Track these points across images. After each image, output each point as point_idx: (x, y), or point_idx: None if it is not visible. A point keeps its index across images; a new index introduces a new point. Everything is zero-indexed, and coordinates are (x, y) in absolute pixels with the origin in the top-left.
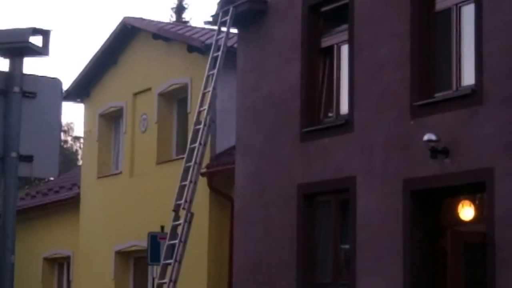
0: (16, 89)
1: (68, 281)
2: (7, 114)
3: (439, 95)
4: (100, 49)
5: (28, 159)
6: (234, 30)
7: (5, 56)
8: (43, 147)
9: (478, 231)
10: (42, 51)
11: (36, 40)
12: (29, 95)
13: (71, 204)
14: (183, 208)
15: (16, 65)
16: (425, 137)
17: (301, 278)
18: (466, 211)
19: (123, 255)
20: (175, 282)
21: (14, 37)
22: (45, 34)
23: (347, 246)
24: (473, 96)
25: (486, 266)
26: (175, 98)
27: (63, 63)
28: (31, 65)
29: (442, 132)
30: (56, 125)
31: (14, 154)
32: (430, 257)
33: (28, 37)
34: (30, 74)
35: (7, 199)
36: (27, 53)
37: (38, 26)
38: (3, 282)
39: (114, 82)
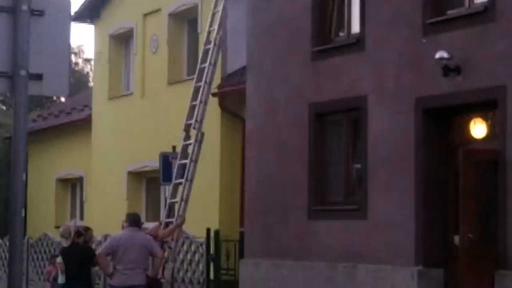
0: (24, 7)
1: (81, 202)
2: (16, 32)
3: (451, 12)
4: None
5: (38, 77)
6: None
7: None
8: (53, 66)
9: (489, 149)
10: None
11: None
12: (37, 13)
13: (83, 125)
14: (194, 128)
15: None
16: (437, 55)
17: (313, 197)
18: (478, 129)
19: (135, 175)
20: (186, 201)
21: None
22: None
23: (358, 165)
24: (485, 13)
25: (497, 183)
26: (186, 18)
27: None
28: None
29: (454, 49)
30: (65, 44)
31: (23, 73)
32: (442, 174)
33: None
34: None
35: (17, 117)
36: None
37: None
38: (15, 199)
39: (124, 2)
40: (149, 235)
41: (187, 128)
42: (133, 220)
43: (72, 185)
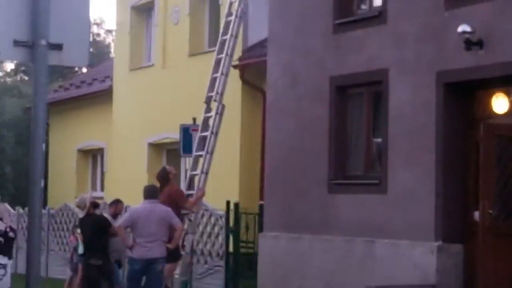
0: None
1: (102, 173)
2: (36, 2)
3: None
4: None
5: (58, 47)
6: None
7: None
8: (73, 36)
9: (511, 124)
10: None
11: None
12: None
13: (104, 96)
14: (215, 100)
15: None
16: (460, 29)
17: (333, 170)
18: (500, 104)
19: (156, 147)
20: (206, 173)
21: None
22: None
23: (379, 139)
24: None
25: None
26: None
27: None
28: None
29: (477, 23)
30: (85, 13)
31: (43, 42)
32: (462, 149)
33: None
34: None
35: (37, 87)
36: None
37: None
38: (35, 169)
39: None
40: (168, 207)
41: (208, 100)
42: (151, 192)
43: (93, 156)
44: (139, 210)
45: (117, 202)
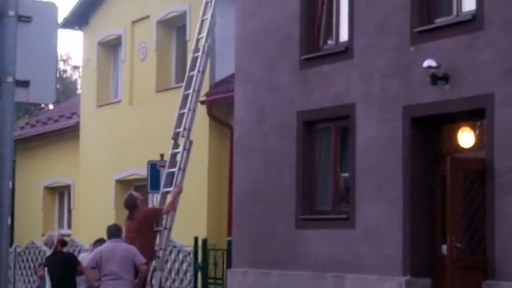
0: (11, 12)
1: (69, 210)
2: (3, 39)
3: (439, 21)
4: None
5: (25, 84)
6: None
7: None
8: (40, 72)
9: (477, 158)
10: None
11: None
12: (24, 19)
13: (71, 132)
14: (182, 136)
15: None
16: (425, 64)
17: (301, 206)
18: (466, 138)
19: (123, 183)
20: (175, 209)
21: None
22: None
23: (346, 174)
24: (473, 21)
25: (485, 192)
26: (174, 26)
27: None
28: None
29: (442, 58)
30: (52, 50)
31: (10, 79)
32: (429, 183)
33: None
34: None
35: (4, 124)
36: None
37: None
38: (1, 207)
39: (112, 9)
40: (131, 245)
41: (175, 136)
42: (113, 232)
43: (60, 193)
44: (102, 250)
45: (101, 241)
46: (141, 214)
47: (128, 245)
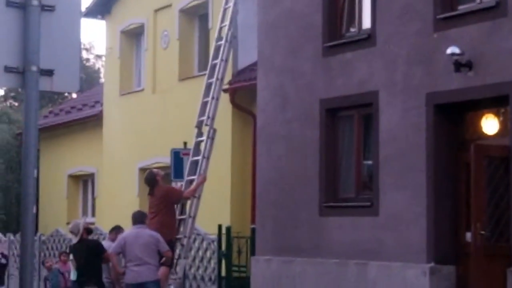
0: (35, 2)
1: (93, 198)
2: (26, 28)
3: (462, 8)
4: None
5: (49, 73)
6: None
7: None
8: (64, 61)
9: (501, 145)
10: None
11: None
12: (48, 8)
13: (94, 121)
14: (206, 125)
15: None
16: (449, 50)
17: (324, 193)
18: (490, 125)
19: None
20: (199, 198)
21: None
22: None
23: (370, 162)
24: (497, 8)
25: (510, 179)
26: (196, 14)
27: None
28: None
29: (466, 45)
30: (76, 39)
31: (34, 68)
32: (453, 171)
33: None
34: None
35: (28, 112)
36: None
37: None
38: (27, 196)
39: None
40: (155, 232)
41: (199, 124)
42: (138, 218)
43: (84, 182)
44: (126, 236)
45: (117, 229)
46: (161, 190)
47: (152, 232)
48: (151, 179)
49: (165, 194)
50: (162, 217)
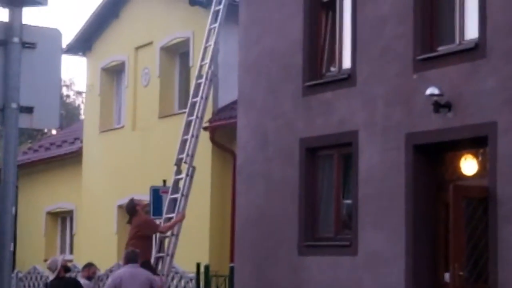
0: (16, 39)
1: (71, 235)
2: (7, 65)
3: (442, 49)
4: (102, 2)
5: (29, 110)
6: None
7: (4, 6)
8: (44, 98)
9: (480, 186)
10: (41, 1)
11: None
12: (29, 45)
13: (74, 158)
14: (185, 162)
15: (15, 15)
16: (428, 91)
17: (303, 232)
18: (469, 166)
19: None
20: (177, 235)
21: None
22: None
23: (349, 201)
24: (476, 49)
25: (488, 220)
26: (177, 52)
27: (64, 16)
28: (32, 17)
29: (445, 86)
30: (56, 76)
31: (14, 105)
32: (432, 211)
33: None
34: (30, 25)
35: (8, 150)
36: (26, 3)
37: None
38: (4, 233)
39: (116, 35)
40: (149, 271)
41: (178, 162)
42: (131, 257)
43: (62, 219)
44: (122, 274)
45: (89, 266)
46: (138, 220)
47: (146, 271)
48: (130, 208)
49: (141, 224)
50: (136, 242)
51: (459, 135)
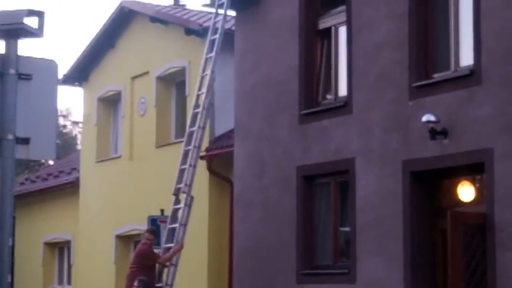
0: (12, 71)
1: (69, 265)
2: (3, 96)
3: (437, 76)
4: (98, 32)
5: (25, 141)
6: (231, 13)
7: (0, 37)
8: (40, 129)
9: (477, 212)
10: (37, 33)
11: (31, 22)
12: (25, 77)
13: (71, 188)
14: (183, 192)
15: (11, 47)
16: (424, 118)
17: (301, 260)
18: (466, 192)
19: (123, 239)
20: (176, 265)
21: (9, 19)
22: (40, 15)
23: (347, 228)
24: (471, 76)
25: (486, 247)
26: (174, 82)
27: (61, 47)
28: (28, 48)
29: (441, 113)
30: (52, 107)
31: (10, 137)
32: (430, 238)
33: (23, 19)
34: (26, 56)
35: (4, 181)
36: (22, 35)
37: (33, 8)
38: (1, 264)
39: (112, 65)
40: None
41: (176, 192)
42: (145, 285)
43: (60, 249)
44: None
45: None
46: (140, 250)
47: None
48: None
49: (141, 255)
50: (139, 270)
51: (456, 161)
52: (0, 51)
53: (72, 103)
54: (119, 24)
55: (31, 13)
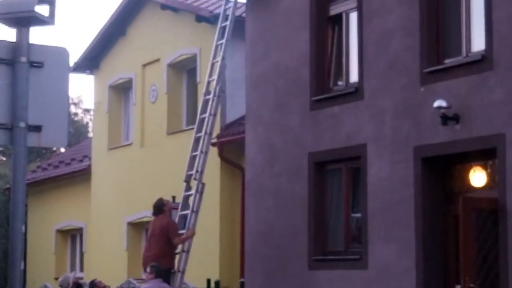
0: (23, 59)
1: (81, 253)
2: (15, 84)
3: (449, 62)
4: (109, 20)
5: (37, 129)
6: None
7: (12, 26)
8: (52, 117)
9: (489, 197)
10: (48, 21)
11: (43, 10)
12: (36, 65)
13: (83, 176)
14: (195, 179)
15: (22, 35)
16: (436, 104)
17: (313, 247)
18: (478, 178)
19: (135, 226)
20: (188, 252)
21: (20, 7)
22: (51, 3)
23: (358, 214)
24: (483, 62)
25: (498, 232)
26: (185, 69)
27: (72, 34)
28: (39, 36)
29: (453, 98)
30: (64, 95)
31: (22, 124)
32: (441, 224)
33: (34, 7)
34: (37, 44)
35: (16, 168)
36: (34, 23)
37: None
38: (14, 251)
39: (123, 53)
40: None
41: (188, 178)
42: (157, 271)
43: (72, 236)
44: None
45: (93, 284)
46: (163, 221)
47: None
48: (158, 206)
49: (165, 227)
50: (161, 245)
51: (467, 147)
52: (11, 39)
53: (83, 91)
54: (130, 11)
55: (42, 1)
